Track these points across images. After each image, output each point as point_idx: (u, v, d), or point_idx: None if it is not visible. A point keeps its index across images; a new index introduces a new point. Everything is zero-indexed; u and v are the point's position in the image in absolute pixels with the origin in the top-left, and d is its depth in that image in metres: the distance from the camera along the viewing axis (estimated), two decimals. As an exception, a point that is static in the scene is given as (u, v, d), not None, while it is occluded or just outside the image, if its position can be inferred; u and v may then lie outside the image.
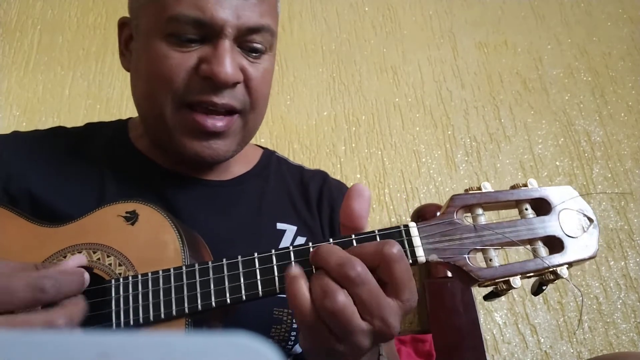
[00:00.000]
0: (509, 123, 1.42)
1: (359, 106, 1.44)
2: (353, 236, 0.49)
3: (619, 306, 1.20)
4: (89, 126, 0.79)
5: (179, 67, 0.61)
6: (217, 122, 0.63)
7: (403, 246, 0.48)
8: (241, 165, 0.78)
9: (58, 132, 0.76)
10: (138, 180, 0.69)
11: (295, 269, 0.47)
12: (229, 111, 0.64)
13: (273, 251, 0.50)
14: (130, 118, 0.80)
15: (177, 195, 0.69)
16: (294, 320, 0.66)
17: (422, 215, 1.21)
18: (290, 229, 0.73)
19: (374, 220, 1.30)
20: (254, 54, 0.65)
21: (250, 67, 0.64)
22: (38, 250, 0.54)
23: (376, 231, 0.49)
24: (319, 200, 0.79)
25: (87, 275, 0.47)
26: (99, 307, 0.51)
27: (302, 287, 0.46)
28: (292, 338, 0.67)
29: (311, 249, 0.48)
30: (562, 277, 0.48)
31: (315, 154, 1.37)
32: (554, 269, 0.49)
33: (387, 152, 1.38)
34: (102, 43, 1.54)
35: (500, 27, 1.56)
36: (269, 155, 0.83)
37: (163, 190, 0.69)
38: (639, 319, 1.18)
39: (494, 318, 1.19)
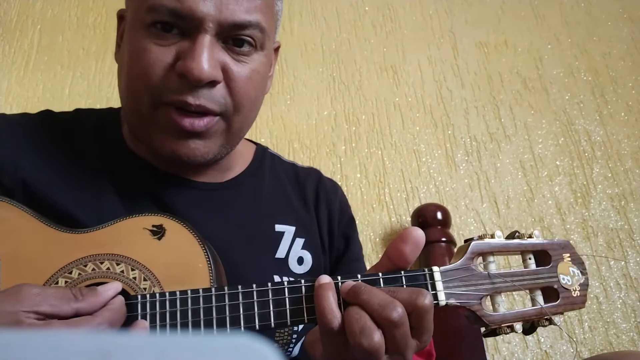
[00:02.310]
0: (509, 123, 1.42)
1: (359, 106, 1.44)
2: (380, 275, 0.51)
3: (619, 306, 1.20)
4: (78, 112, 0.75)
5: (157, 63, 0.57)
6: (196, 122, 0.59)
7: (426, 289, 0.51)
8: (236, 163, 0.76)
9: (47, 117, 0.72)
10: (135, 181, 0.67)
11: (325, 279, 0.50)
12: (205, 113, 0.59)
13: (302, 282, 0.51)
14: (120, 108, 0.75)
15: (174, 197, 0.67)
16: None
17: (422, 214, 1.20)
18: (288, 230, 0.73)
19: (374, 220, 1.30)
20: (240, 51, 0.60)
21: (235, 65, 0.60)
22: (57, 256, 0.52)
23: (402, 272, 0.52)
24: (316, 202, 0.78)
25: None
26: (124, 322, 0.49)
27: (332, 302, 0.48)
28: (294, 340, 0.67)
29: (340, 284, 0.50)
30: (556, 325, 0.54)
31: (315, 154, 1.37)
32: (550, 316, 0.54)
33: (387, 152, 1.38)
34: (102, 43, 1.53)
35: (500, 27, 1.56)
36: (262, 152, 0.81)
37: (159, 192, 0.67)
38: (639, 319, 1.18)
39: (494, 318, 1.19)
